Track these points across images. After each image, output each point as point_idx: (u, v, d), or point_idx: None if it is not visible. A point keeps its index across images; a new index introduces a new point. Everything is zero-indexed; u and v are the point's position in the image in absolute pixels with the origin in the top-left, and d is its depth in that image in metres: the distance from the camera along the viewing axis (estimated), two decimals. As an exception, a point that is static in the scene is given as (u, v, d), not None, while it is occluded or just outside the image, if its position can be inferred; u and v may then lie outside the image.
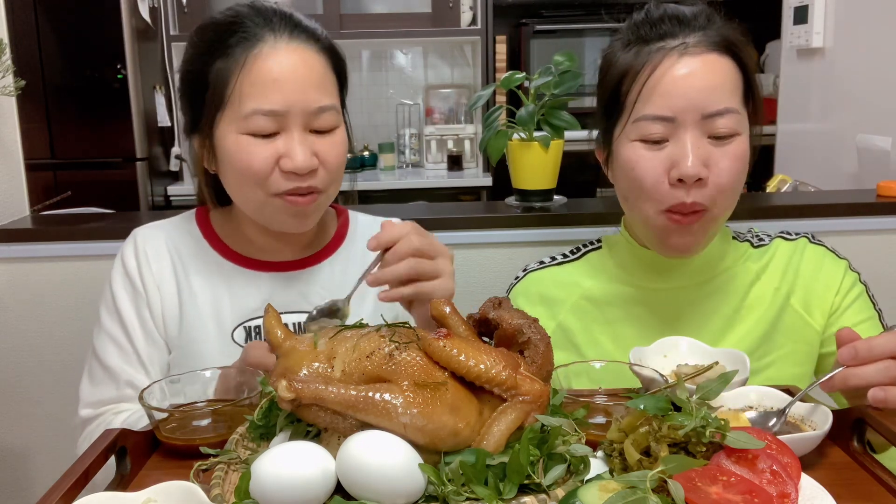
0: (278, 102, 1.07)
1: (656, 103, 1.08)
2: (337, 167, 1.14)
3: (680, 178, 1.07)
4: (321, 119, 1.11)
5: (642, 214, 1.14)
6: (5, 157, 1.69)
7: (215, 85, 1.10)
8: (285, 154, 1.08)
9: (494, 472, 0.67)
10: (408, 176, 3.83)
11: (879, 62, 2.38)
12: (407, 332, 0.74)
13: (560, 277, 1.28)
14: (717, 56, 1.09)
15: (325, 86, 1.12)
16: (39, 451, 1.71)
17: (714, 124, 1.07)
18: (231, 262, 1.22)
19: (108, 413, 1.16)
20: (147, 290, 1.19)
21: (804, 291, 1.20)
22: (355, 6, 3.82)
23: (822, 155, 2.70)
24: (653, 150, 1.10)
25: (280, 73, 1.08)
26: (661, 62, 1.09)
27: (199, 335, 1.18)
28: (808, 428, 0.85)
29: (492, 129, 1.56)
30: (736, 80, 1.10)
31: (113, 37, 3.14)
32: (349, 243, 1.29)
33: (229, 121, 1.10)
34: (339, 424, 0.69)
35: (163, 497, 0.68)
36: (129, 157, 3.27)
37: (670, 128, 1.08)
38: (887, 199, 1.71)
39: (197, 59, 1.13)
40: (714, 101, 1.07)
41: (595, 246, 1.31)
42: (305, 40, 1.12)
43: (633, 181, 1.12)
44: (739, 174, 1.10)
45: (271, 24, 1.11)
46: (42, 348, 1.65)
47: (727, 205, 1.11)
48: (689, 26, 1.11)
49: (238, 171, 1.11)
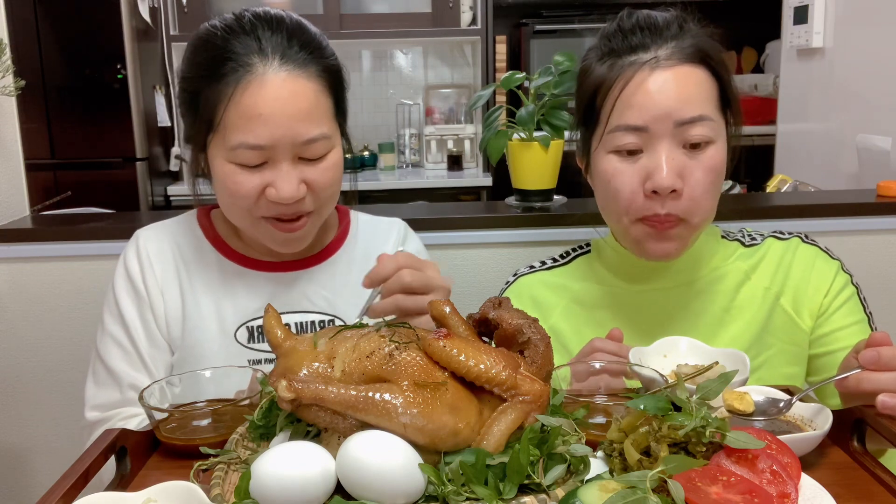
0: (264, 138, 1.06)
1: (629, 115, 1.09)
2: (328, 191, 1.14)
3: (654, 190, 1.07)
4: (311, 149, 1.09)
5: (619, 225, 1.15)
6: (5, 157, 1.69)
7: (205, 109, 1.09)
8: (271, 184, 1.08)
9: (494, 472, 0.67)
10: (408, 176, 3.83)
11: (879, 62, 2.38)
12: (407, 332, 0.74)
13: (550, 281, 1.28)
14: (689, 67, 1.09)
15: (316, 115, 1.10)
16: (39, 451, 1.71)
17: (688, 132, 1.07)
18: (233, 262, 1.23)
19: (116, 419, 1.16)
20: (150, 292, 1.20)
21: (794, 292, 1.20)
22: (355, 6, 3.82)
23: (822, 155, 2.70)
24: (627, 162, 1.10)
25: (266, 108, 1.05)
26: (633, 76, 1.09)
27: (201, 336, 1.19)
28: (808, 428, 0.85)
29: (492, 129, 1.56)
30: (709, 89, 1.10)
31: (113, 37, 3.14)
32: (350, 244, 1.29)
33: (217, 146, 1.10)
34: (339, 424, 0.69)
35: (163, 497, 0.68)
36: (129, 157, 3.27)
37: (644, 138, 1.08)
38: (887, 199, 1.71)
39: (190, 79, 1.12)
40: (686, 109, 1.07)
41: (584, 250, 1.31)
42: (298, 65, 1.08)
43: (608, 193, 1.13)
44: (714, 185, 1.10)
45: (262, 50, 1.07)
46: (42, 348, 1.65)
47: (704, 214, 1.11)
48: (661, 36, 1.10)
49: (226, 196, 1.12)
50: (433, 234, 1.59)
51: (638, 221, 1.11)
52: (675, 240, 1.11)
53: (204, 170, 1.16)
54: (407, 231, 1.36)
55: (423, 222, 1.58)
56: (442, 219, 1.65)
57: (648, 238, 1.12)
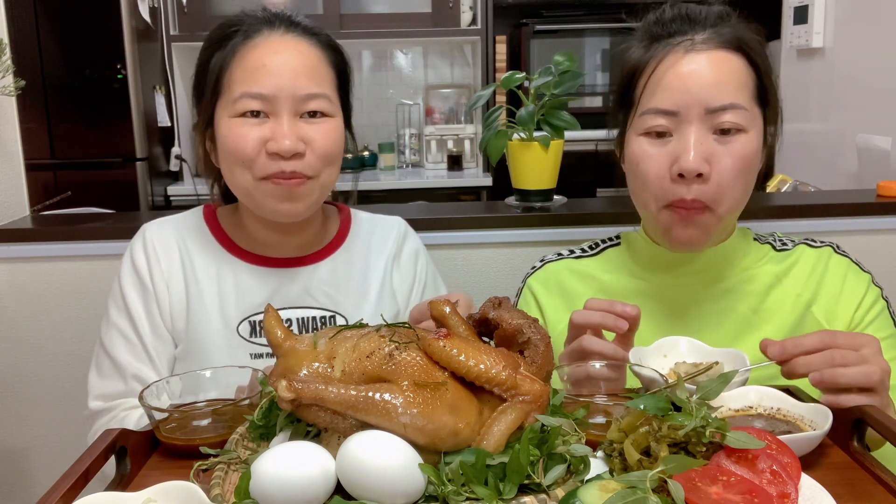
0: (266, 86, 1.12)
1: (660, 97, 1.08)
2: (327, 153, 1.16)
3: (681, 174, 1.06)
4: (311, 105, 1.14)
5: (647, 209, 1.14)
6: (5, 157, 1.69)
7: (214, 75, 1.15)
8: (272, 137, 1.12)
9: (494, 472, 0.67)
10: (408, 176, 3.83)
11: (879, 62, 2.38)
12: (407, 332, 0.74)
13: (578, 269, 1.28)
14: (724, 53, 1.08)
15: (318, 75, 1.16)
16: (39, 451, 1.71)
17: (718, 119, 1.06)
18: (237, 257, 1.24)
19: (119, 409, 1.18)
20: (156, 285, 1.21)
21: (827, 302, 1.19)
22: (355, 6, 3.82)
23: (822, 155, 2.70)
24: (657, 146, 1.10)
25: (270, 60, 1.13)
26: (665, 57, 1.09)
27: (205, 328, 1.20)
28: (808, 428, 0.85)
29: (492, 129, 1.56)
30: (744, 78, 1.09)
31: (113, 37, 3.13)
32: (351, 241, 1.31)
33: (223, 107, 1.15)
34: (339, 424, 0.69)
35: (163, 497, 0.68)
36: (129, 157, 3.26)
37: (674, 122, 1.08)
38: (887, 199, 1.71)
39: (202, 54, 1.19)
40: (719, 96, 1.06)
41: (614, 242, 1.31)
42: (302, 34, 1.17)
43: (637, 176, 1.12)
44: (743, 173, 1.09)
45: (271, 22, 1.16)
46: (42, 348, 1.65)
47: (731, 204, 1.10)
48: (700, 24, 1.10)
49: (228, 154, 1.14)
50: (433, 234, 1.59)
51: (665, 208, 1.10)
52: (699, 227, 1.10)
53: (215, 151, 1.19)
54: (407, 230, 1.37)
55: (423, 222, 1.58)
56: (442, 219, 1.65)
57: (675, 224, 1.11)
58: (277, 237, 1.25)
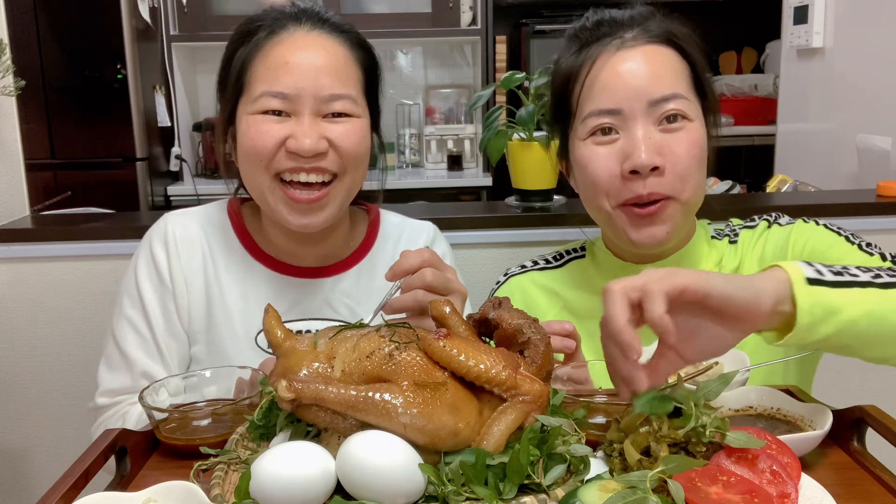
0: (288, 85, 1.08)
1: (600, 98, 1.07)
2: (352, 154, 1.12)
3: (634, 170, 1.05)
4: (334, 106, 1.10)
5: (602, 213, 1.12)
6: (5, 157, 1.69)
7: (237, 71, 1.12)
8: (292, 135, 1.08)
9: (494, 472, 0.67)
10: (408, 176, 3.83)
11: (879, 62, 2.38)
12: (407, 332, 0.74)
13: (542, 283, 1.26)
14: (656, 46, 1.08)
15: (343, 74, 1.11)
16: (39, 451, 1.71)
17: (662, 109, 1.06)
18: (260, 262, 1.20)
19: (125, 403, 1.15)
20: (174, 283, 1.17)
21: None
22: (355, 6, 3.82)
23: (822, 155, 2.70)
24: (605, 146, 1.08)
25: (293, 57, 1.09)
26: (598, 57, 1.08)
27: (227, 333, 1.17)
28: (808, 428, 0.85)
29: (492, 129, 1.56)
30: (680, 69, 1.09)
31: (113, 37, 3.13)
32: (377, 250, 1.26)
33: (245, 104, 1.11)
34: (339, 424, 0.69)
35: (163, 497, 0.68)
36: (129, 157, 3.26)
37: (619, 120, 1.07)
38: (887, 199, 1.71)
39: (227, 50, 1.16)
40: (659, 86, 1.06)
41: (579, 254, 1.28)
42: (330, 31, 1.13)
43: (587, 178, 1.11)
44: (697, 160, 1.07)
45: (297, 18, 1.13)
46: (42, 348, 1.65)
47: (691, 192, 1.08)
48: (627, 24, 1.10)
49: (246, 151, 1.10)
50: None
51: (620, 207, 1.09)
52: (666, 222, 1.08)
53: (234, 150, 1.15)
54: (436, 234, 1.34)
55: (423, 222, 1.57)
56: (442, 219, 1.64)
57: (634, 224, 1.09)
58: (297, 247, 1.20)
